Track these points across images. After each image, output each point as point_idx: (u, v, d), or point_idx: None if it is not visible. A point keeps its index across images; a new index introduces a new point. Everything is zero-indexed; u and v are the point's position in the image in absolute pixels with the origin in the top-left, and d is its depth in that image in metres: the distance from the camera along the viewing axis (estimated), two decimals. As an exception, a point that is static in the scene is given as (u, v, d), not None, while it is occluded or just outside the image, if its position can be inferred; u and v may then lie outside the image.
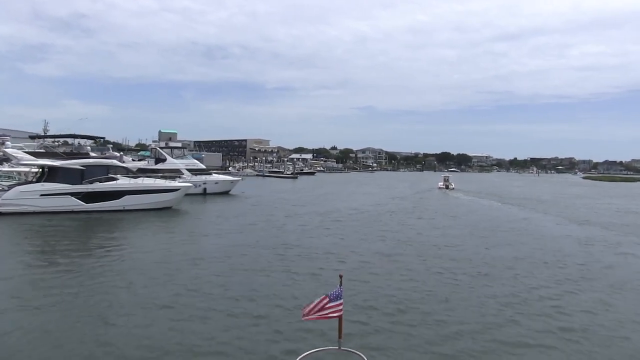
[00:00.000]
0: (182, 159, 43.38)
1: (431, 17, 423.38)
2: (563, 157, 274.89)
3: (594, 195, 59.38)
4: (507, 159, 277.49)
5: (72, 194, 25.17)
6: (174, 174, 36.35)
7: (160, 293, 10.76)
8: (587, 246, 18.90)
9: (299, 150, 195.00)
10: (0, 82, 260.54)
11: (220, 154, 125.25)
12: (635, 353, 8.02)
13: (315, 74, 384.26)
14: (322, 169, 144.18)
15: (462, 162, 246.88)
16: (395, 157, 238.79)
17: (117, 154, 43.18)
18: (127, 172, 28.67)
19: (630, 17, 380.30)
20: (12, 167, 29.06)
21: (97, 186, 25.86)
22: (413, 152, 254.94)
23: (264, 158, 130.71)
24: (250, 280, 12.19)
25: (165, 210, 27.84)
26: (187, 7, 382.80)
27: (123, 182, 26.83)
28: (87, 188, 25.57)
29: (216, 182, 42.45)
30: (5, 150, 28.46)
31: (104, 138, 32.89)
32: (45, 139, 34.17)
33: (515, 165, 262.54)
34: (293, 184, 68.91)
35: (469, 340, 8.35)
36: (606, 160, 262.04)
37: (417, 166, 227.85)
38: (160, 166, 39.38)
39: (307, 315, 4.49)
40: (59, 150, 30.94)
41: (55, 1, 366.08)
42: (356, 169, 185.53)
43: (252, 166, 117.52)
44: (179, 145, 58.89)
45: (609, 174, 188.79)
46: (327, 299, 4.48)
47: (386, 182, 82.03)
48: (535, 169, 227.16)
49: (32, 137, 31.72)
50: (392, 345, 8.10)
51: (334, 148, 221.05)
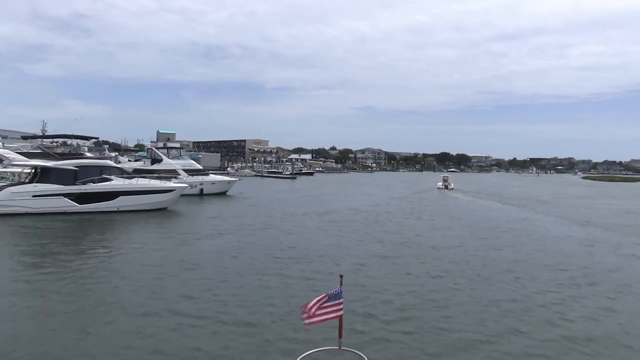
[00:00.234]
0: (179, 159, 42.98)
1: (431, 17, 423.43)
2: (562, 157, 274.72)
3: (594, 195, 59.05)
4: (506, 159, 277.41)
5: (65, 195, 24.77)
6: (170, 174, 35.96)
7: (148, 298, 10.37)
8: (589, 247, 18.53)
9: (298, 150, 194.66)
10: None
11: (219, 155, 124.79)
12: (642, 362, 7.66)
13: (314, 74, 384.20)
14: (321, 169, 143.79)
15: (461, 162, 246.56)
16: (394, 158, 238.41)
17: (113, 155, 42.80)
18: (121, 172, 28.26)
19: (630, 17, 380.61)
20: (4, 167, 28.67)
21: (91, 187, 25.46)
22: (412, 152, 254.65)
23: (263, 158, 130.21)
24: (242, 283, 11.80)
25: (160, 211, 27.44)
26: (186, 7, 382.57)
27: (117, 183, 26.42)
28: (80, 189, 25.17)
29: (213, 183, 42.03)
30: None
31: (98, 138, 32.45)
32: (44, 140, 33.91)
33: (515, 165, 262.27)
34: (291, 185, 68.53)
35: (468, 346, 8.00)
36: (606, 161, 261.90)
37: (417, 166, 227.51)
38: (156, 167, 38.95)
39: (309, 318, 4.50)
40: (58, 150, 30.57)
41: (55, 1, 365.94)
42: (355, 169, 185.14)
43: (250, 166, 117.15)
44: (177, 145, 58.55)
45: (609, 174, 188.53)
46: (327, 297, 4.53)
47: (385, 183, 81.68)
48: (534, 169, 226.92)
49: (24, 138, 31.32)
50: (392, 346, 7.83)
51: (333, 148, 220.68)
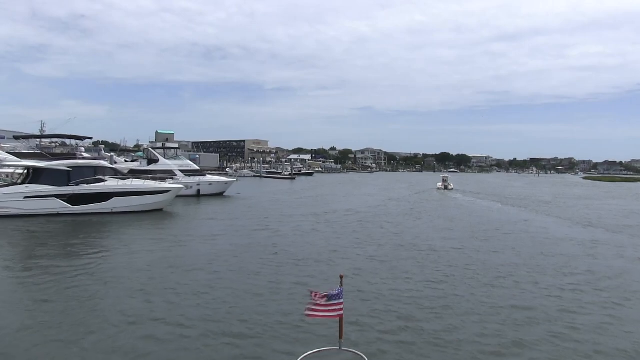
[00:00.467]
0: (175, 159, 42.50)
1: (430, 18, 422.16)
2: (563, 158, 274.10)
3: (595, 196, 58.60)
4: (506, 159, 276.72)
5: (57, 196, 24.32)
6: (167, 175, 35.51)
7: (133, 305, 9.92)
8: (592, 250, 18.08)
9: (298, 150, 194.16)
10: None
11: (218, 155, 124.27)
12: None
13: (314, 74, 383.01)
14: (320, 169, 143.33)
15: (461, 162, 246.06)
16: (394, 158, 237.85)
17: (108, 155, 42.31)
18: (115, 173, 27.81)
19: (629, 18, 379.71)
20: None
21: (84, 188, 25.00)
22: (412, 152, 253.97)
23: (262, 159, 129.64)
24: (234, 288, 11.35)
25: (155, 212, 27.00)
26: (185, 8, 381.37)
27: (111, 184, 25.97)
28: (73, 190, 24.72)
29: (210, 184, 41.57)
30: None
31: (91, 138, 32.05)
32: (42, 140, 33.38)
33: (515, 165, 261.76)
34: (290, 185, 68.07)
35: (469, 356, 7.55)
36: (606, 161, 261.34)
37: (417, 167, 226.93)
38: (152, 167, 38.49)
39: (311, 310, 4.59)
40: (57, 151, 30.13)
41: (54, 1, 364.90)
42: (355, 169, 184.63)
43: (249, 167, 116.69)
44: (176, 146, 58.07)
45: (609, 174, 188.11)
46: (326, 297, 4.63)
47: (385, 183, 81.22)
48: (535, 169, 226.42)
49: (16, 138, 30.85)
50: (392, 348, 7.55)
51: (333, 149, 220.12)
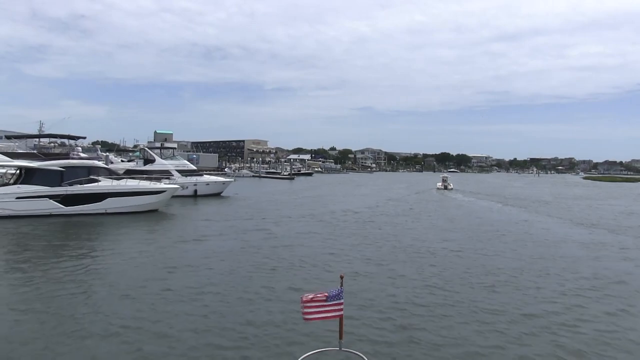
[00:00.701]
0: (172, 159, 42.05)
1: (429, 18, 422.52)
2: (563, 158, 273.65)
3: (596, 196, 58.18)
4: (506, 159, 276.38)
5: (50, 197, 23.90)
6: (163, 175, 35.08)
7: (119, 311, 9.49)
8: (595, 252, 17.66)
9: (298, 150, 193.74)
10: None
11: (217, 155, 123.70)
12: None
13: (314, 74, 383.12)
14: (320, 169, 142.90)
15: (461, 162, 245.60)
16: (394, 158, 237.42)
17: (104, 155, 41.84)
18: (109, 173, 27.37)
19: (629, 18, 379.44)
20: None
21: (77, 188, 24.57)
22: (412, 152, 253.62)
23: (261, 159, 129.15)
24: (223, 293, 10.93)
25: (150, 213, 26.58)
26: (185, 8, 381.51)
27: (105, 184, 25.54)
28: (66, 190, 24.29)
29: (207, 184, 41.13)
30: None
31: (85, 138, 31.62)
32: (40, 140, 32.97)
33: (515, 165, 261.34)
34: (289, 185, 67.64)
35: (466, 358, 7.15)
36: (606, 161, 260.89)
37: (417, 167, 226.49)
38: (148, 167, 38.02)
39: (307, 314, 4.43)
40: (56, 150, 29.70)
41: (54, 2, 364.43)
42: (355, 169, 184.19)
43: (249, 167, 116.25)
44: (173, 145, 57.67)
45: (610, 174, 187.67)
46: (326, 296, 4.43)
47: (384, 183, 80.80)
48: (535, 169, 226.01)
49: (8, 137, 30.45)
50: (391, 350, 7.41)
51: (332, 149, 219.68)
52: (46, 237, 18.66)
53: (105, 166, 28.65)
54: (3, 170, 26.40)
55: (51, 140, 32.79)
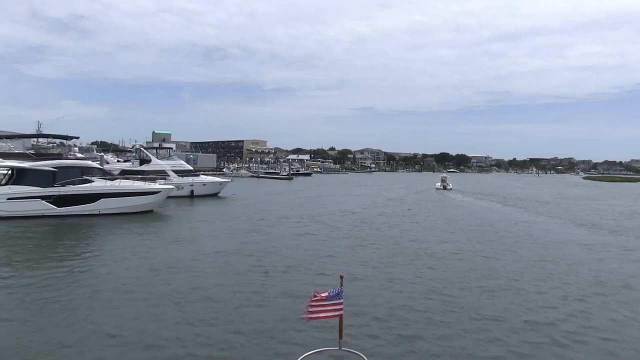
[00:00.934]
0: (168, 159, 41.60)
1: (429, 18, 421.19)
2: (562, 158, 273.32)
3: (596, 196, 57.81)
4: (506, 159, 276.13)
5: (42, 197, 23.47)
6: (159, 175, 34.67)
7: (104, 318, 9.07)
8: (597, 253, 17.26)
9: (297, 151, 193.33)
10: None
11: (215, 155, 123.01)
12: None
13: (313, 74, 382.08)
14: (319, 169, 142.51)
15: (461, 162, 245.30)
16: (393, 158, 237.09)
17: (99, 155, 41.44)
18: (103, 173, 26.95)
19: (629, 18, 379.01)
20: None
21: (70, 189, 24.14)
22: (412, 152, 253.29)
23: (260, 159, 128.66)
24: (213, 298, 10.51)
25: (145, 214, 26.15)
26: (185, 8, 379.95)
27: (98, 185, 25.11)
28: (58, 191, 23.86)
29: (204, 184, 40.69)
30: None
31: (78, 137, 31.19)
32: (39, 140, 32.51)
33: (515, 165, 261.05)
34: (288, 185, 67.24)
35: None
36: (606, 161, 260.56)
37: (416, 167, 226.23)
38: (144, 167, 37.59)
39: (307, 314, 4.42)
40: (55, 151, 29.31)
41: (54, 2, 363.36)
42: (354, 169, 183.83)
43: (247, 167, 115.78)
44: (171, 146, 57.17)
45: (609, 174, 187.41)
46: (327, 295, 4.47)
47: (383, 183, 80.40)
48: (534, 169, 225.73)
49: None
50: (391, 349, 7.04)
51: (332, 149, 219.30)
52: (35, 238, 18.24)
53: (99, 166, 28.22)
54: None
55: (50, 140, 32.39)
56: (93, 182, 25.14)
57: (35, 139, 31.19)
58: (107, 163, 40.73)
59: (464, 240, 19.60)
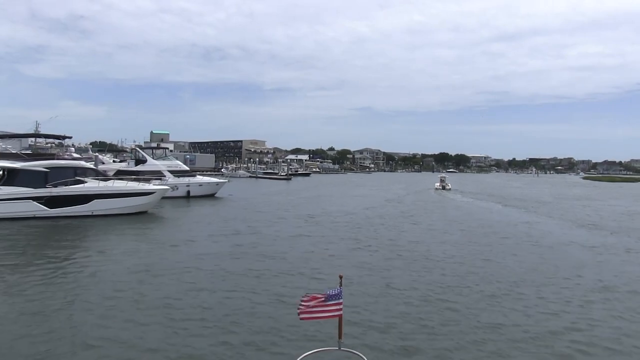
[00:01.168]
0: (164, 159, 41.13)
1: (428, 18, 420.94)
2: (562, 158, 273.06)
3: (597, 196, 57.42)
4: (505, 159, 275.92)
5: (33, 199, 23.03)
6: (155, 175, 34.22)
7: (84, 326, 8.63)
8: (600, 255, 16.84)
9: (296, 151, 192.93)
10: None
11: (213, 155, 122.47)
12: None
13: (313, 74, 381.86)
14: (318, 170, 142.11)
15: (460, 162, 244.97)
16: (393, 158, 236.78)
17: (94, 155, 40.95)
18: (97, 174, 26.50)
19: (628, 18, 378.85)
20: None
21: (62, 190, 23.70)
22: (411, 152, 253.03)
23: (258, 159, 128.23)
24: (201, 304, 10.07)
25: (139, 215, 25.71)
26: (184, 9, 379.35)
27: (91, 185, 24.66)
28: (50, 192, 23.41)
29: (200, 185, 40.24)
30: None
31: (71, 137, 30.75)
32: (37, 140, 31.87)
33: (514, 165, 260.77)
34: (286, 186, 66.81)
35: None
36: (605, 161, 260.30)
37: (415, 167, 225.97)
38: (140, 167, 37.13)
39: (305, 313, 4.31)
40: (54, 151, 28.80)
41: (53, 2, 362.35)
42: (353, 169, 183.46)
43: (246, 167, 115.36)
44: (168, 146, 56.72)
45: (609, 174, 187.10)
46: (325, 297, 4.32)
47: (382, 183, 79.99)
48: (534, 169, 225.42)
49: (-10, 138, 29.56)
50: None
51: (331, 149, 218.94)
52: (24, 241, 17.78)
53: (92, 167, 27.76)
54: None
55: (48, 140, 31.89)
56: (86, 182, 24.70)
57: (32, 139, 30.74)
58: (103, 163, 40.23)
59: (463, 242, 19.18)
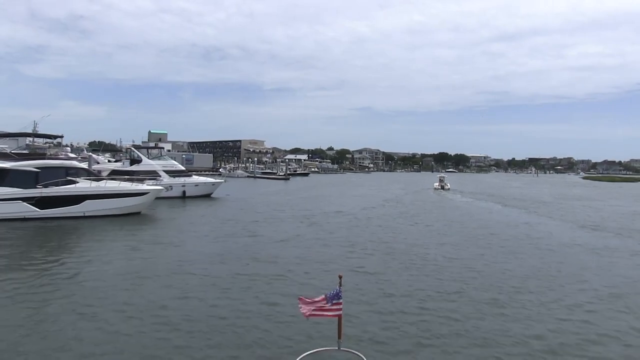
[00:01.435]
0: (159, 159, 40.62)
1: (428, 18, 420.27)
2: (561, 157, 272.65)
3: (597, 196, 56.98)
4: (505, 159, 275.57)
5: (24, 199, 22.55)
6: (150, 175, 33.74)
7: (62, 335, 8.17)
8: (603, 258, 16.38)
9: (295, 151, 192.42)
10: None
11: (211, 155, 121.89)
12: None
13: (313, 74, 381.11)
14: (317, 169, 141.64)
15: (460, 162, 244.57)
16: (392, 158, 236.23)
17: (88, 154, 40.42)
18: (89, 174, 26.01)
19: (628, 18, 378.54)
20: None
21: (53, 190, 23.20)
22: (411, 152, 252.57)
23: (257, 159, 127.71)
24: (186, 309, 9.60)
25: (132, 216, 25.22)
26: (184, 9, 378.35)
27: (83, 186, 24.17)
28: (41, 192, 22.92)
29: (196, 185, 39.74)
30: None
31: (62, 136, 30.23)
32: (34, 139, 31.33)
33: (514, 165, 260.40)
34: (284, 186, 66.32)
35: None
36: (605, 160, 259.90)
37: (414, 167, 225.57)
38: (135, 167, 36.64)
39: (307, 312, 4.45)
40: (52, 151, 28.32)
41: (53, 2, 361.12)
42: (352, 169, 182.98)
43: (244, 167, 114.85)
44: (164, 146, 56.22)
45: (609, 174, 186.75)
46: (325, 299, 4.46)
47: (381, 183, 79.52)
48: (534, 169, 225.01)
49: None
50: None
51: (330, 149, 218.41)
52: (12, 243, 17.29)
53: (84, 167, 27.25)
54: None
55: (47, 140, 31.41)
56: (78, 183, 24.21)
57: (29, 139, 30.29)
58: (97, 163, 39.76)
59: (462, 243, 18.72)
